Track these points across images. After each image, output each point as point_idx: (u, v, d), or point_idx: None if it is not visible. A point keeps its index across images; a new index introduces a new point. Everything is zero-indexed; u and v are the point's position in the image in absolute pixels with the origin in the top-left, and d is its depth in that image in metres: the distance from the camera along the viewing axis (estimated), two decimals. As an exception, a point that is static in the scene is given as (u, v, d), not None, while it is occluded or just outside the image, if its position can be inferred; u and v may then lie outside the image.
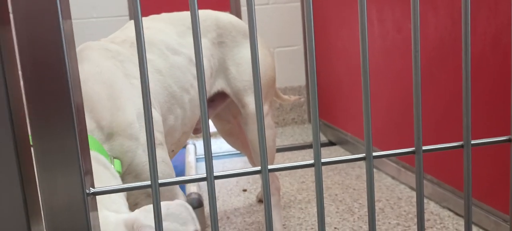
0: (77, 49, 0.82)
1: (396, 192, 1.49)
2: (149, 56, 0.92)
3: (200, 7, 1.17)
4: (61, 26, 0.39)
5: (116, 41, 0.91)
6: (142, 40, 0.41)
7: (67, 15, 0.42)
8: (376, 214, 1.33)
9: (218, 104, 1.17)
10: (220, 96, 1.15)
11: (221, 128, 1.37)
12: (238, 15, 2.31)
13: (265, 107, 1.16)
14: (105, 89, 0.77)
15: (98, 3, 2.22)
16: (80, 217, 0.40)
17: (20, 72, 0.42)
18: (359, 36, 0.44)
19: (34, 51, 0.40)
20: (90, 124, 0.73)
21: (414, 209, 1.37)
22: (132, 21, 1.04)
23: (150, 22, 1.03)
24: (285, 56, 2.43)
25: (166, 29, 1.02)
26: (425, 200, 1.39)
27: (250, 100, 1.10)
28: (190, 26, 1.03)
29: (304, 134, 2.30)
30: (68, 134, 0.41)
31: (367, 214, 0.43)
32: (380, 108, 1.60)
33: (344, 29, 1.87)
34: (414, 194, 1.47)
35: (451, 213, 1.31)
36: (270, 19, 2.39)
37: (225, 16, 1.13)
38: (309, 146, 2.06)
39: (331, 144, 2.09)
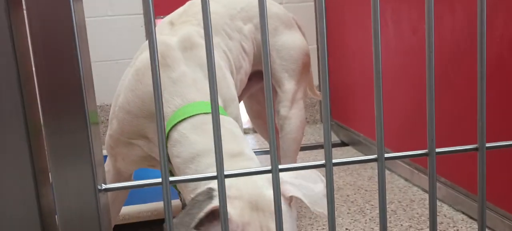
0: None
1: (408, 194, 1.48)
2: (217, 39, 1.04)
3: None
4: (72, 6, 0.39)
5: (195, 23, 1.03)
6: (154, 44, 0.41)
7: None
8: (388, 216, 1.32)
9: (254, 84, 1.29)
10: (257, 76, 1.26)
11: (250, 107, 1.46)
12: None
13: (299, 93, 1.25)
14: (219, 72, 0.95)
15: (114, 1, 2.24)
16: (91, 213, 0.41)
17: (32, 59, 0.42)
18: (372, 37, 0.43)
19: (45, 36, 0.40)
20: (220, 102, 0.89)
21: (427, 212, 1.35)
22: (191, 1, 1.11)
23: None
24: (298, 55, 2.42)
25: (221, 12, 1.12)
26: (438, 203, 1.37)
27: (286, 82, 1.22)
28: (240, 10, 1.14)
29: (316, 133, 2.29)
30: (79, 127, 0.41)
31: (379, 215, 0.43)
32: (394, 110, 1.59)
33: (359, 29, 1.86)
34: (427, 196, 1.45)
35: (464, 217, 1.29)
36: (283, 18, 2.39)
37: (274, 7, 1.27)
38: (321, 146, 2.05)
39: (343, 144, 2.07)
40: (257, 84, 1.30)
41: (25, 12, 0.42)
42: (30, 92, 0.43)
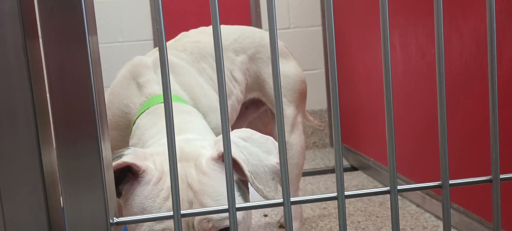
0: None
1: (421, 221, 1.45)
2: (203, 65, 1.07)
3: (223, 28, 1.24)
4: (88, 41, 0.40)
5: (179, 49, 1.09)
6: (165, 62, 0.42)
7: (93, 31, 0.43)
8: (400, 243, 1.29)
9: (252, 112, 1.31)
10: (254, 105, 1.28)
11: None
12: (260, 39, 2.33)
13: (299, 117, 1.27)
14: (194, 79, 0.98)
15: (124, 28, 2.28)
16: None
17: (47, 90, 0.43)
18: (382, 62, 0.44)
19: (61, 67, 0.41)
20: (188, 101, 0.92)
21: (440, 239, 1.33)
22: (184, 33, 1.20)
23: (199, 36, 1.16)
24: (306, 80, 2.43)
25: (211, 42, 1.12)
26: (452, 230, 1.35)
27: (286, 107, 1.24)
28: (233, 41, 1.19)
29: (325, 158, 2.28)
30: (93, 161, 0.41)
31: (391, 248, 0.42)
32: (403, 133, 1.58)
33: (366, 53, 1.86)
34: (439, 223, 1.42)
35: (479, 244, 1.26)
36: (291, 42, 2.41)
37: (266, 36, 1.29)
38: (330, 171, 2.03)
39: (353, 168, 2.06)
40: (255, 112, 1.32)
41: (40, 41, 0.43)
42: (44, 120, 0.44)
